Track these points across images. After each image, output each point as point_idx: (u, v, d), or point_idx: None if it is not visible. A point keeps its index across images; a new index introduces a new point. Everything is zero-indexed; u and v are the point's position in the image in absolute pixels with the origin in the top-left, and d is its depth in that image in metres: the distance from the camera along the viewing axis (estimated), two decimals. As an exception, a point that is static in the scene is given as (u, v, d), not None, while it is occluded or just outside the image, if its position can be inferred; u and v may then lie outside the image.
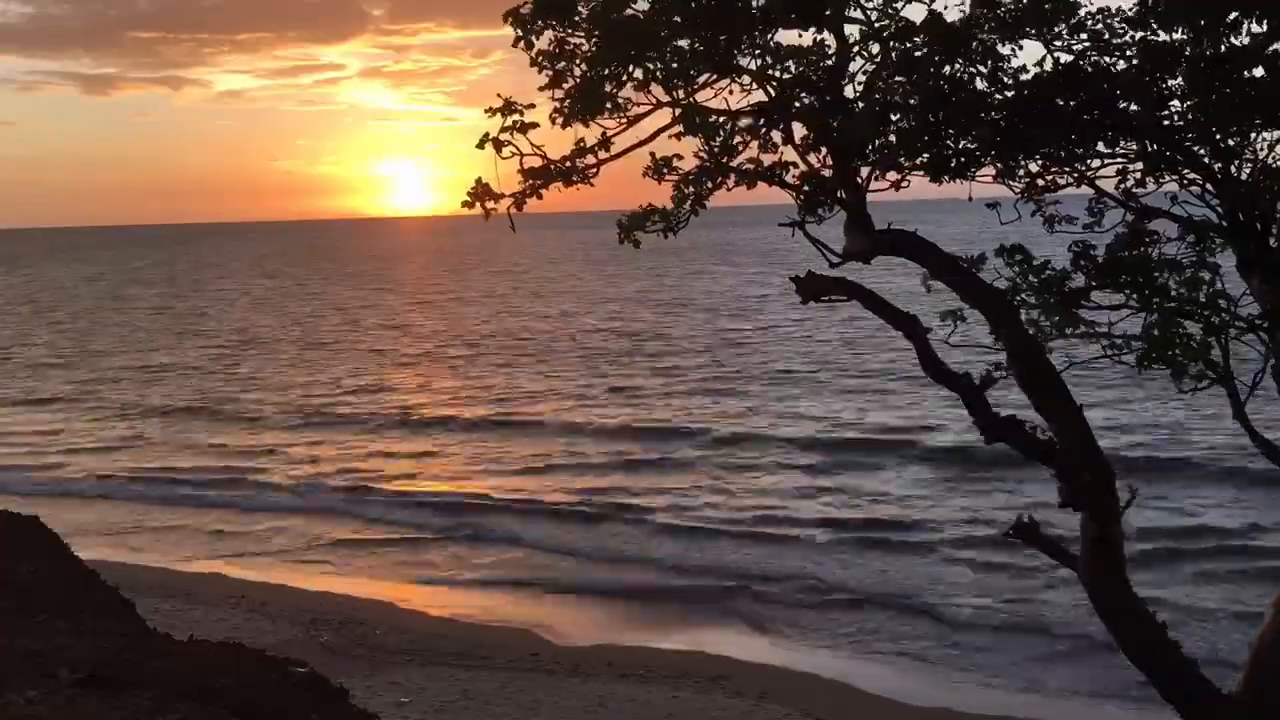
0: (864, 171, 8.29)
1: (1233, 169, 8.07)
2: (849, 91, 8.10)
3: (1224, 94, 7.52)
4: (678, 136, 8.02)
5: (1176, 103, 7.93)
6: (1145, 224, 8.45)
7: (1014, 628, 20.51)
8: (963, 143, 8.26)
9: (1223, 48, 7.56)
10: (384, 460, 36.57)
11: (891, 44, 7.94)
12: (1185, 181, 8.28)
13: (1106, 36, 7.84)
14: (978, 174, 8.41)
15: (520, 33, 7.61)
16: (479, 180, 7.83)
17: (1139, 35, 7.79)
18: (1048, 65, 8.01)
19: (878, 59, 8.02)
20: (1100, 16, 7.83)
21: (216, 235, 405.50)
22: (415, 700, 16.92)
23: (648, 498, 30.37)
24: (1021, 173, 8.54)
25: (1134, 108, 7.98)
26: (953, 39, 7.77)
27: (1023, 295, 8.46)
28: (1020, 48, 7.95)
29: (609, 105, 7.80)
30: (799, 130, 8.23)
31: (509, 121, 7.58)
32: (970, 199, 8.70)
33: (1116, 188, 8.51)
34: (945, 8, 7.83)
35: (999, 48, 7.95)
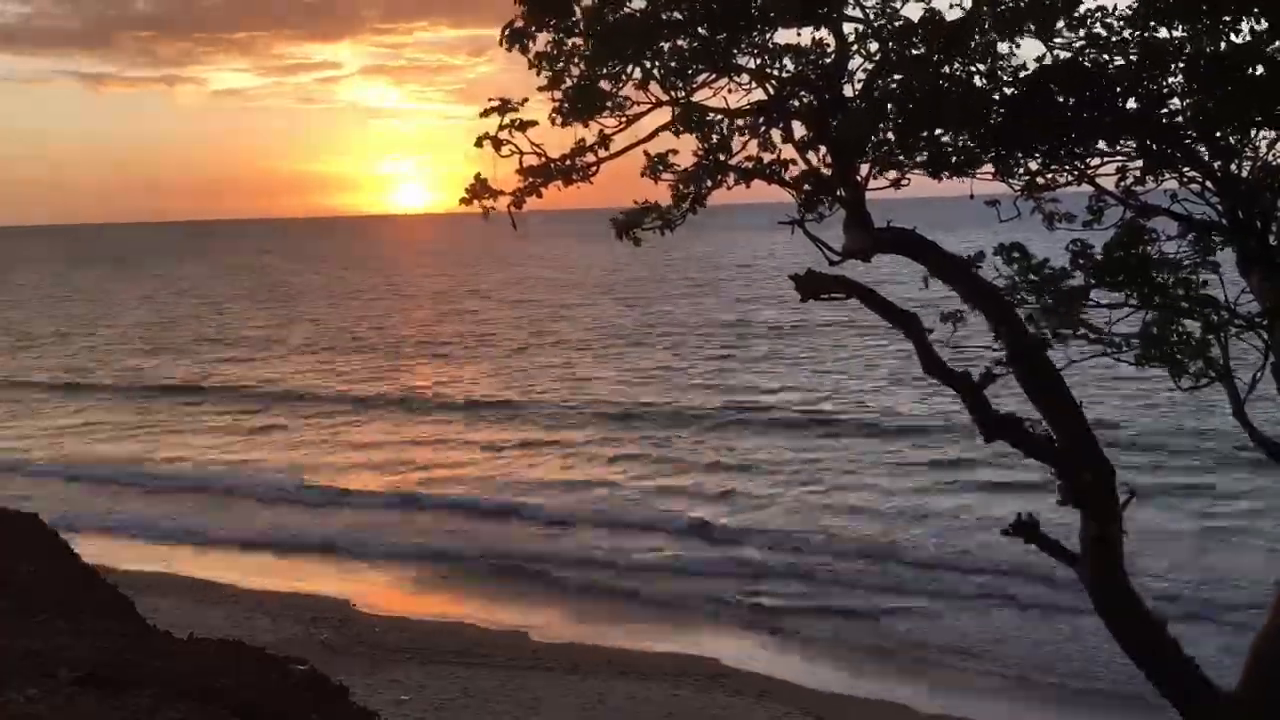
0: (863, 169, 8.28)
1: (1233, 167, 8.06)
2: (848, 90, 8.09)
3: (1224, 92, 7.50)
4: (676, 134, 8.01)
5: (1176, 100, 7.90)
6: (1144, 222, 8.44)
7: (1017, 625, 20.53)
8: (962, 140, 8.25)
9: (1222, 45, 7.54)
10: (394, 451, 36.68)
11: (890, 42, 7.92)
12: (1185, 179, 8.26)
13: (1105, 34, 7.82)
14: (977, 172, 8.40)
15: (519, 47, 7.59)
16: (477, 176, 7.81)
17: (1138, 33, 7.76)
18: (1047, 63, 7.99)
19: (876, 57, 8.00)
20: (1099, 14, 7.80)
21: (219, 234, 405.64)
22: (415, 698, 16.93)
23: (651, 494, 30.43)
24: (1021, 170, 8.52)
25: (1133, 105, 7.96)
26: (952, 37, 7.75)
27: (1021, 294, 8.46)
28: (1019, 45, 7.93)
29: (608, 105, 7.78)
30: (798, 129, 8.22)
31: (507, 120, 7.56)
32: (971, 196, 8.69)
33: (1116, 185, 8.49)
34: (950, 6, 7.82)
35: (998, 46, 7.93)
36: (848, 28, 7.99)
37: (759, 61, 7.96)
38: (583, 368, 52.42)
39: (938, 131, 8.14)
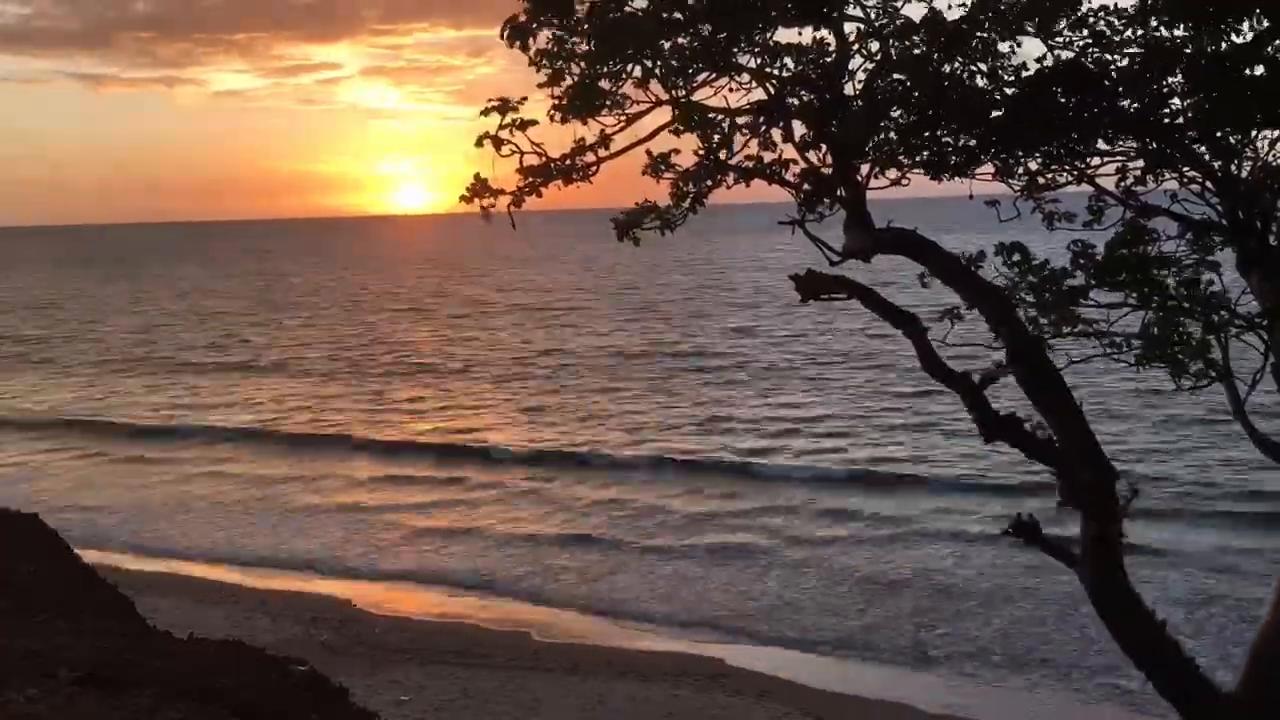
0: (863, 169, 8.26)
1: (1233, 167, 8.05)
2: (848, 89, 8.08)
3: (1224, 92, 7.50)
4: (677, 134, 7.99)
5: (1176, 101, 7.90)
6: (1144, 222, 8.43)
7: (1017, 625, 20.52)
8: (962, 140, 8.24)
9: (1223, 46, 7.54)
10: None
11: (891, 42, 7.91)
12: (1185, 179, 8.26)
13: (1107, 34, 7.82)
14: (977, 172, 8.39)
15: (519, 43, 7.57)
16: (477, 176, 7.81)
17: (1139, 33, 7.77)
18: (1048, 63, 7.99)
19: (877, 57, 7.99)
20: (1100, 14, 7.80)
21: (219, 234, 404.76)
22: (415, 699, 16.92)
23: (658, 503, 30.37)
24: (1021, 170, 8.52)
25: (1134, 105, 7.96)
26: (952, 37, 7.74)
27: (1021, 294, 8.46)
28: (1019, 45, 7.93)
29: (607, 103, 7.77)
30: (798, 128, 8.20)
31: (508, 119, 7.55)
32: (971, 197, 8.68)
33: (1116, 186, 8.49)
34: (949, 6, 7.81)
35: (999, 45, 7.93)
36: (849, 27, 7.98)
37: (759, 61, 7.95)
38: (569, 401, 45.98)
39: (938, 132, 8.14)
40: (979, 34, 7.82)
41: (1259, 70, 7.48)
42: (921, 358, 8.53)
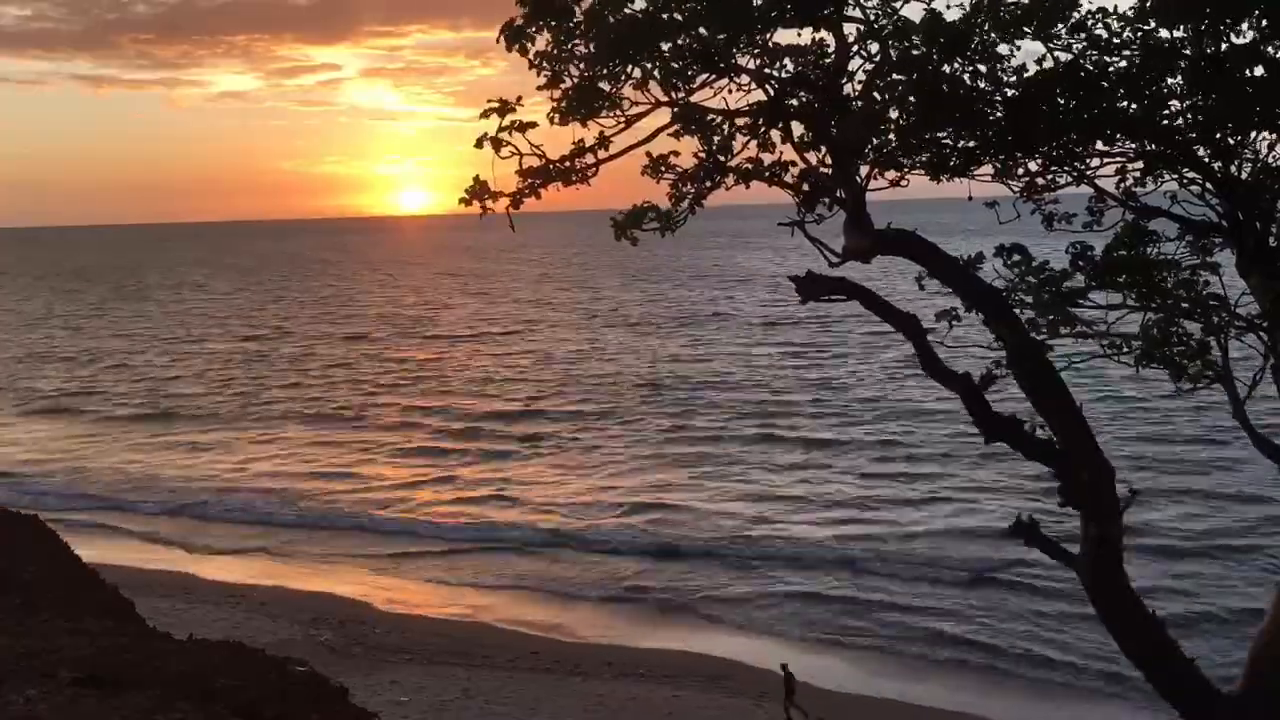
0: (863, 170, 8.25)
1: (1232, 168, 8.05)
2: (848, 90, 8.07)
3: (1223, 93, 7.50)
4: (676, 136, 7.98)
5: (1176, 102, 7.89)
6: (1145, 223, 8.43)
7: (1015, 619, 20.52)
8: (961, 141, 8.24)
9: (1222, 47, 7.53)
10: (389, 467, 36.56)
11: (890, 43, 7.90)
12: (1185, 181, 8.26)
13: (1106, 36, 7.82)
14: (977, 173, 8.39)
15: (517, 46, 7.56)
16: (476, 178, 7.80)
17: (1138, 34, 7.76)
18: (1048, 64, 7.98)
19: (877, 58, 7.98)
20: (1099, 16, 7.80)
21: (218, 235, 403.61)
22: (415, 699, 16.94)
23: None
24: (1020, 172, 8.52)
25: (1133, 107, 7.96)
26: (952, 39, 7.74)
27: (1020, 294, 8.45)
28: (1018, 47, 7.92)
29: (606, 104, 7.76)
30: (797, 129, 8.19)
31: (507, 121, 7.54)
32: (970, 198, 8.67)
33: (1116, 187, 8.49)
34: (947, 7, 7.80)
35: (998, 47, 7.92)
36: (848, 28, 7.97)
37: (759, 62, 7.94)
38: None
39: (938, 133, 8.13)
40: (978, 35, 7.81)
41: (1258, 71, 7.48)
42: (921, 359, 8.52)
